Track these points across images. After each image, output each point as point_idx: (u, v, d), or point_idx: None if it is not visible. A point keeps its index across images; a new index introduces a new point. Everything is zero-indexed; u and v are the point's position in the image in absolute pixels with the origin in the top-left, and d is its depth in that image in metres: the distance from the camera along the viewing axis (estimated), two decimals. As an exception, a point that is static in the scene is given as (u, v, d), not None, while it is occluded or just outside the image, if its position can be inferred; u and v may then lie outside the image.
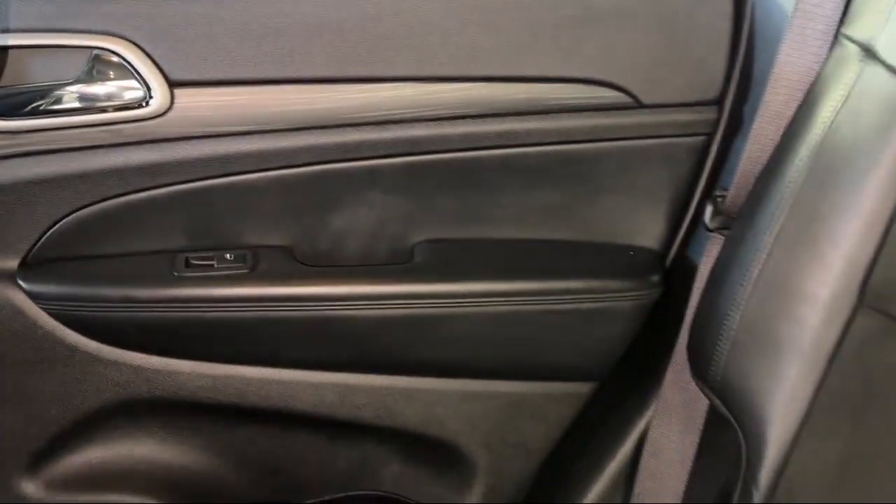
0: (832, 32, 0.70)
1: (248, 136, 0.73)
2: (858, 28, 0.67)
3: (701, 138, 0.80)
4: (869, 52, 0.65)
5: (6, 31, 0.65)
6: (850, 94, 0.66)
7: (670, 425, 0.82)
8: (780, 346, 0.67)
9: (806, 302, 0.65)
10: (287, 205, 0.77)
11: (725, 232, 0.76)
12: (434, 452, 0.86)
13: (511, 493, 0.88)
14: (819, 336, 0.65)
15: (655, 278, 0.82)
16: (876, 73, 0.64)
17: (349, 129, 0.74)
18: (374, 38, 0.73)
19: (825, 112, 0.67)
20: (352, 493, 0.88)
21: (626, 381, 0.86)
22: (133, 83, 0.69)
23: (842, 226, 0.64)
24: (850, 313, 0.63)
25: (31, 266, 0.74)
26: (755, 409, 0.68)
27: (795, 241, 0.67)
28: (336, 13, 0.73)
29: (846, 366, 0.64)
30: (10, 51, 0.67)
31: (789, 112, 0.71)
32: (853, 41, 0.67)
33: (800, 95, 0.70)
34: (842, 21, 0.69)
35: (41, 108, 0.68)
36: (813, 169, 0.67)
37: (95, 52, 0.68)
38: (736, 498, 0.70)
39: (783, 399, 0.67)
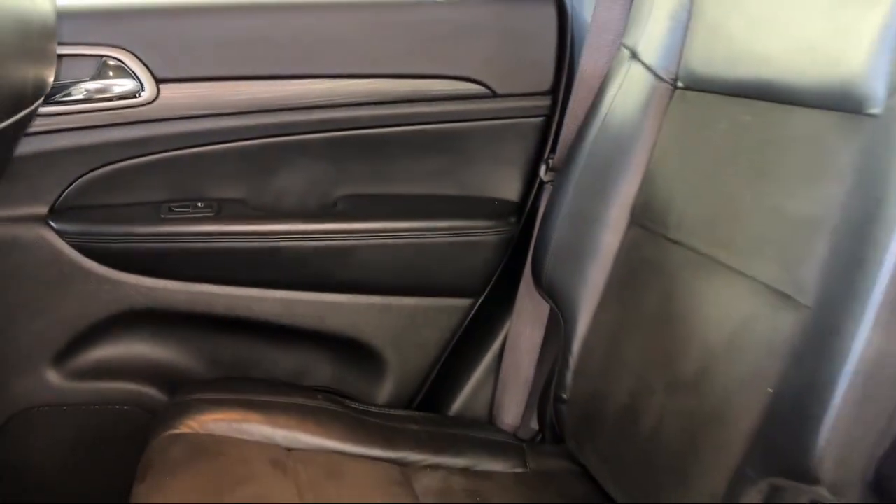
0: (618, 42, 1.01)
1: (213, 118, 1.02)
2: (629, 37, 0.98)
3: (541, 119, 1.11)
4: (634, 54, 0.97)
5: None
6: (622, 84, 0.97)
7: (524, 325, 1.12)
8: (583, 255, 0.98)
9: (599, 224, 0.96)
10: (242, 168, 1.06)
11: (553, 183, 1.08)
12: (356, 353, 1.15)
13: (414, 384, 1.17)
14: (607, 246, 0.96)
15: (513, 219, 1.13)
16: (637, 68, 0.95)
17: (285, 112, 1.03)
18: (304, 47, 1.02)
19: (608, 98, 0.98)
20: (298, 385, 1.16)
21: (496, 295, 1.16)
22: (130, 80, 0.98)
23: (619, 172, 0.95)
24: (625, 228, 0.95)
25: (58, 211, 1.01)
26: (570, 301, 0.99)
27: (591, 184, 0.98)
28: (276, 29, 1.02)
29: (620, 263, 0.95)
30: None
31: (590, 99, 1.03)
32: (626, 47, 0.98)
33: (596, 87, 1.02)
34: (623, 33, 1.01)
35: (67, 97, 0.96)
36: (601, 137, 0.98)
37: (104, 58, 0.96)
38: (558, 365, 1.01)
39: (586, 291, 0.97)
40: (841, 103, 0.66)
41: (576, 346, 0.98)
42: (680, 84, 0.90)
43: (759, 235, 0.74)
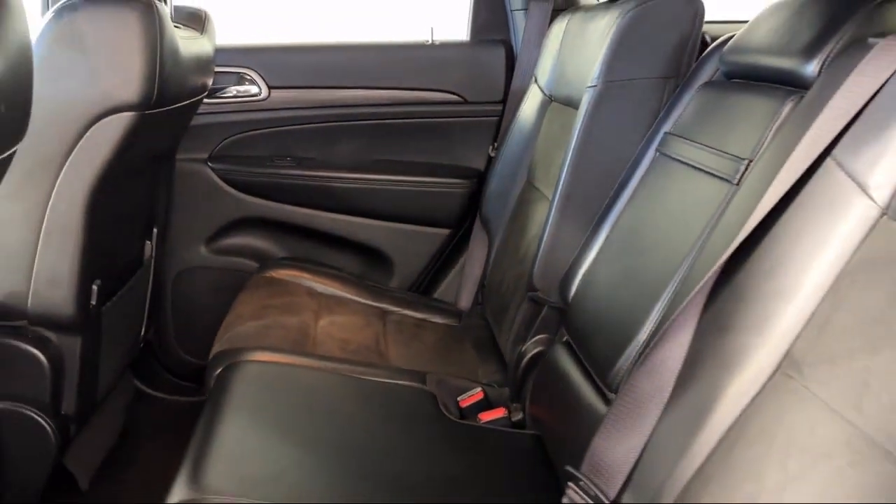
0: (532, 72, 1.67)
1: (299, 110, 1.77)
2: (537, 69, 1.64)
3: (496, 118, 1.78)
4: (536, 80, 1.62)
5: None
6: (529, 98, 1.63)
7: (477, 247, 1.77)
8: (503, 200, 1.63)
9: (512, 181, 1.62)
10: (315, 140, 1.80)
11: (494, 157, 1.74)
12: (376, 257, 1.85)
13: (411, 280, 1.86)
14: (514, 194, 1.61)
15: (475, 179, 1.80)
16: (536, 89, 1.61)
17: (340, 108, 1.77)
18: (353, 69, 1.76)
19: (522, 107, 1.65)
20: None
21: (463, 228, 1.83)
22: (254, 87, 1.75)
23: (523, 150, 1.60)
24: (524, 183, 1.60)
25: (213, 157, 1.78)
26: (494, 228, 1.65)
27: (510, 158, 1.64)
28: (336, 59, 1.76)
29: (517, 203, 1.60)
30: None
31: (517, 107, 1.69)
32: (535, 75, 1.64)
33: (520, 99, 1.68)
34: (535, 66, 1.66)
35: (220, 94, 1.74)
36: (516, 130, 1.64)
37: (240, 74, 1.74)
38: (485, 267, 1.68)
39: (501, 222, 1.62)
40: (576, 104, 1.30)
41: (493, 255, 1.65)
42: (552, 98, 1.55)
43: (552, 176, 1.38)
